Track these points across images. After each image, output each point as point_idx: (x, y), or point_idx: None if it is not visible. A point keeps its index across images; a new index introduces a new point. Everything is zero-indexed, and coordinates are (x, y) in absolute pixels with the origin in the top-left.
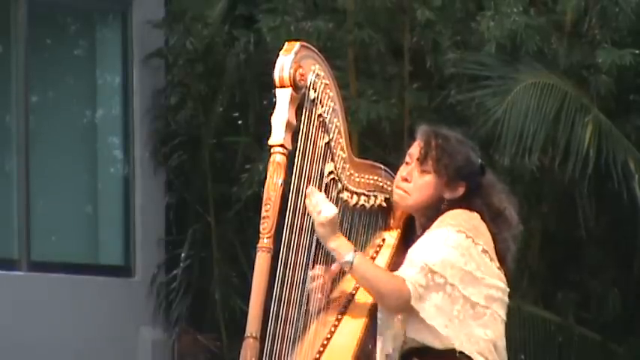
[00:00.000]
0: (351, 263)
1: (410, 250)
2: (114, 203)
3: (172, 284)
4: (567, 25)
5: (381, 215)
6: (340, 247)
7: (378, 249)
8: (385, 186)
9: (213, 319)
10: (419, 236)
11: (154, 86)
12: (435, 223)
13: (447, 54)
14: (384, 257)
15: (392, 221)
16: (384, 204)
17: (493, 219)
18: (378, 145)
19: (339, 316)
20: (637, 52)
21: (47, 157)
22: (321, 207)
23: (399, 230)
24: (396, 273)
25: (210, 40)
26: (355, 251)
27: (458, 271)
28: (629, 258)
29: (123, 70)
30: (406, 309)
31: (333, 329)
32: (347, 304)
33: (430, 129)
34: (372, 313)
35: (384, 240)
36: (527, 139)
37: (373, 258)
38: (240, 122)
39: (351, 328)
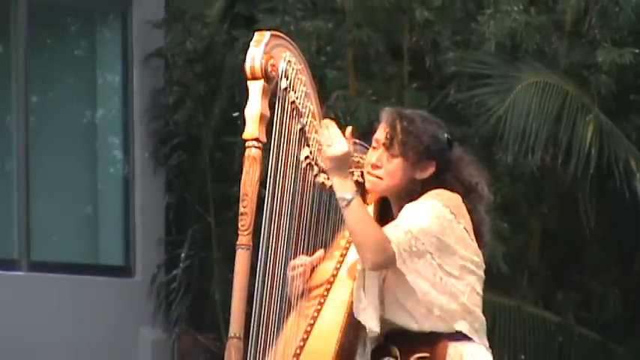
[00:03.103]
0: (349, 202)
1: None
2: (114, 203)
3: (172, 284)
4: (567, 25)
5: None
6: (343, 183)
7: None
8: (360, 160)
9: (213, 319)
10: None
11: (154, 86)
12: (422, 197)
13: (447, 53)
14: None
15: (369, 195)
16: (361, 179)
17: (466, 194)
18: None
19: (322, 300)
20: (637, 51)
21: (47, 157)
22: (332, 141)
23: (376, 204)
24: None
25: (209, 40)
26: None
27: (437, 240)
28: (629, 258)
29: (123, 70)
30: (383, 266)
31: (316, 314)
32: (327, 291)
33: (394, 111)
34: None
35: None
36: (529, 138)
37: None
38: (239, 122)
39: (333, 316)
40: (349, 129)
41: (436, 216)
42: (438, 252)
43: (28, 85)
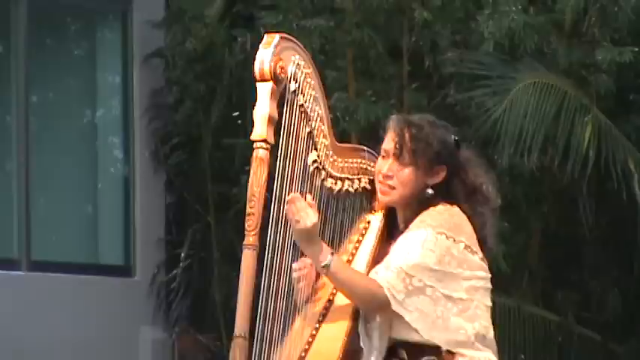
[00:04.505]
0: (328, 266)
1: (390, 251)
2: (114, 203)
3: (172, 284)
4: (567, 25)
5: (365, 197)
6: (317, 252)
7: (363, 232)
8: (369, 168)
9: (213, 319)
10: (401, 231)
11: (154, 86)
12: (415, 222)
13: (446, 53)
14: (369, 242)
15: (376, 203)
16: (369, 186)
17: (469, 197)
18: (377, 145)
19: (327, 304)
20: (637, 49)
21: (47, 157)
22: (300, 216)
23: (383, 212)
24: (372, 275)
25: (209, 40)
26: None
27: (435, 272)
28: (629, 258)
29: (123, 70)
30: (383, 311)
31: (321, 318)
32: (333, 294)
33: (401, 119)
34: None
35: (368, 222)
36: (526, 139)
37: (359, 241)
38: (239, 122)
39: (339, 318)
40: (309, 197)
41: (430, 248)
42: (440, 283)
43: (28, 85)
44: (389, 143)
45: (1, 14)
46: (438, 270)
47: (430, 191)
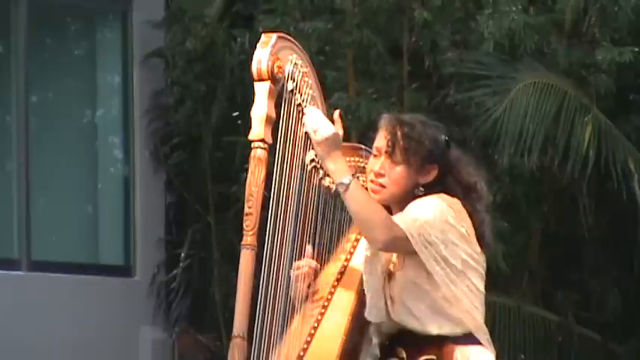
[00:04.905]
0: (347, 185)
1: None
2: (114, 203)
3: (172, 284)
4: (567, 25)
5: None
6: (338, 169)
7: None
8: (367, 166)
9: (213, 319)
10: None
11: (154, 86)
12: (425, 197)
13: (446, 53)
14: None
15: None
16: (367, 185)
17: (465, 195)
18: None
19: (326, 303)
20: (637, 49)
21: (47, 157)
22: (318, 126)
23: None
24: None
25: (209, 40)
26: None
27: (441, 233)
28: (629, 258)
29: (123, 70)
30: (393, 246)
31: (320, 317)
32: (332, 294)
33: (393, 118)
34: (358, 301)
35: None
36: (526, 139)
37: (357, 240)
38: (239, 122)
39: (338, 318)
40: (337, 112)
41: (440, 211)
42: (443, 244)
43: (28, 85)
44: (381, 141)
45: (1, 14)
46: (444, 232)
47: (421, 189)
